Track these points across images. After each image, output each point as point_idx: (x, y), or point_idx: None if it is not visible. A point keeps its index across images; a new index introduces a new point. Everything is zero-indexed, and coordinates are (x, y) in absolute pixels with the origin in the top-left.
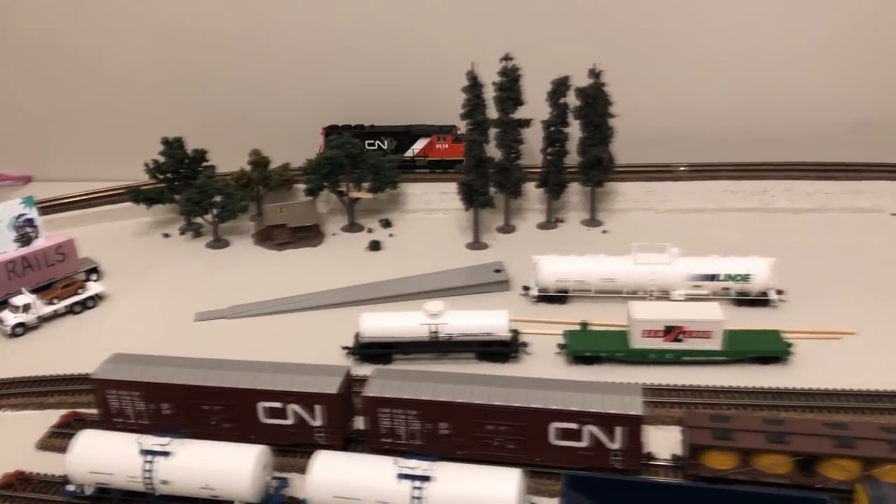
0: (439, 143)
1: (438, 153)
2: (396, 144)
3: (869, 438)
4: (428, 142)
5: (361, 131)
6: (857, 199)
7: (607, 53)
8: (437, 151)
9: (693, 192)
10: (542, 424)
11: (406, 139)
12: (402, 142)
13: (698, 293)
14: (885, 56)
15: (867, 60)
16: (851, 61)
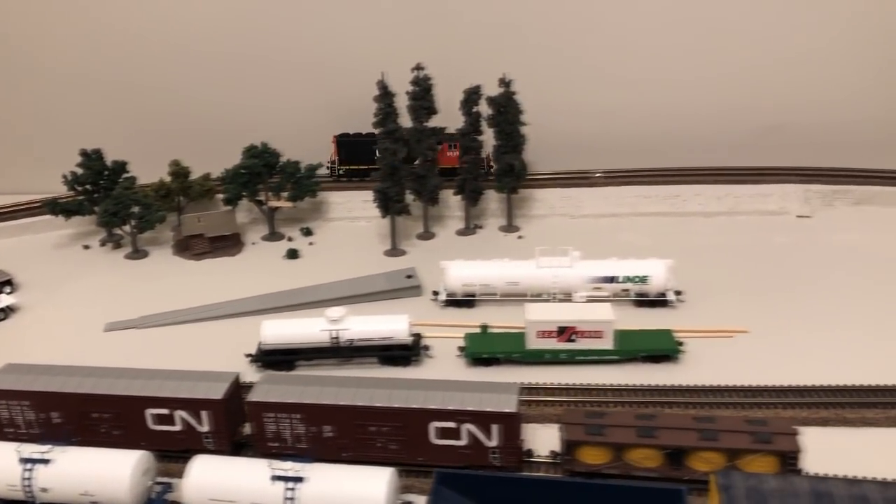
0: (450, 151)
1: (449, 161)
2: (407, 152)
3: (732, 431)
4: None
5: (371, 139)
6: (764, 201)
7: (523, 63)
8: (447, 159)
9: (608, 197)
10: (423, 424)
11: None
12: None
13: (599, 295)
14: (788, 63)
15: (770, 68)
16: (756, 69)
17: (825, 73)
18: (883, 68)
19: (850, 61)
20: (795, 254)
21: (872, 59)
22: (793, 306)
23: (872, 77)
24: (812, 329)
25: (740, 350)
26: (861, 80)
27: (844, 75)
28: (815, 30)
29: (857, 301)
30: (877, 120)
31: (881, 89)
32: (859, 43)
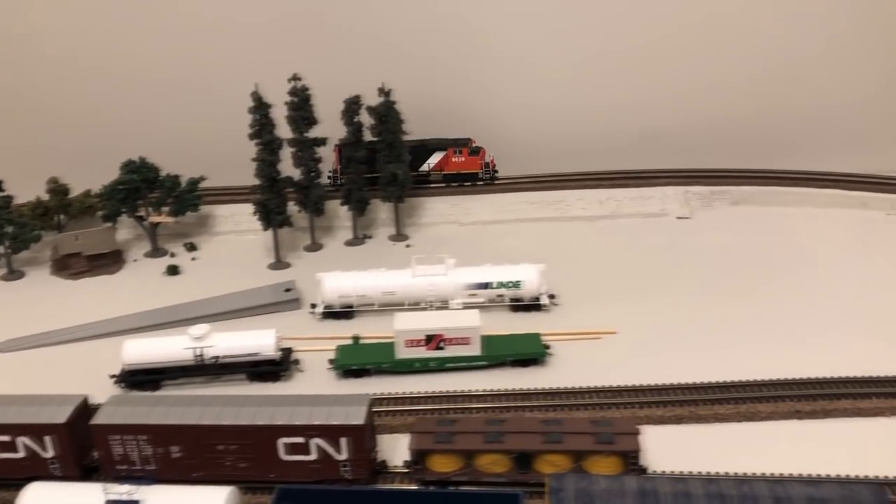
0: (455, 157)
1: (455, 166)
2: (412, 159)
3: (577, 433)
4: (444, 155)
5: (374, 147)
6: (645, 204)
7: (406, 71)
8: (453, 165)
9: (494, 204)
10: (271, 441)
11: (422, 153)
12: (417, 156)
13: (474, 302)
14: (666, 68)
15: (650, 73)
16: (637, 74)
17: (702, 77)
18: (756, 73)
19: (726, 66)
20: (672, 254)
21: (746, 63)
22: (663, 306)
23: (746, 81)
24: (678, 328)
25: (606, 351)
26: (736, 84)
27: (720, 79)
28: (691, 34)
29: (725, 300)
30: (752, 122)
31: (755, 93)
32: (733, 47)
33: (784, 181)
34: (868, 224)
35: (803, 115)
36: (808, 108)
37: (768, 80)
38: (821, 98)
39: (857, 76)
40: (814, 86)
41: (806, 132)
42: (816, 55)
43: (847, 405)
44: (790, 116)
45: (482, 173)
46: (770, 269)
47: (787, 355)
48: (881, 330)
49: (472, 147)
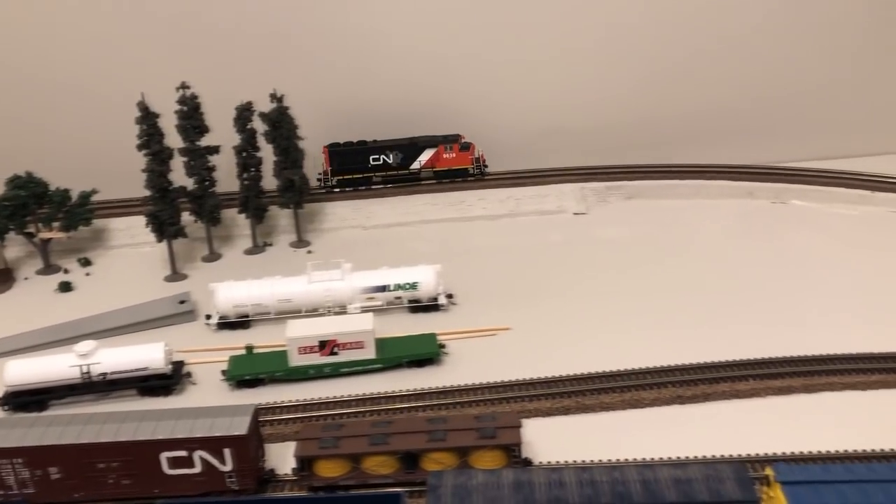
0: (446, 153)
1: (446, 163)
2: (402, 157)
3: (461, 430)
4: (434, 152)
5: (364, 147)
6: (543, 202)
7: (303, 75)
8: (444, 161)
9: (396, 207)
10: (153, 456)
11: (412, 151)
12: (407, 154)
13: (372, 305)
14: (562, 68)
15: (544, 74)
16: (530, 75)
17: (596, 77)
18: (648, 73)
19: (619, 66)
20: (569, 250)
21: (638, 63)
22: (557, 301)
23: (639, 81)
24: (570, 322)
25: (501, 347)
26: (629, 83)
27: (614, 79)
28: (585, 35)
29: (616, 292)
30: (645, 119)
31: (647, 91)
32: (625, 48)
33: (675, 175)
34: (755, 212)
35: (693, 112)
36: (698, 106)
37: (660, 79)
38: (709, 95)
39: (743, 75)
40: (703, 84)
41: (696, 128)
42: (704, 55)
43: (726, 388)
44: (680, 113)
45: (472, 169)
46: (661, 259)
47: (670, 343)
48: (761, 314)
49: (462, 143)
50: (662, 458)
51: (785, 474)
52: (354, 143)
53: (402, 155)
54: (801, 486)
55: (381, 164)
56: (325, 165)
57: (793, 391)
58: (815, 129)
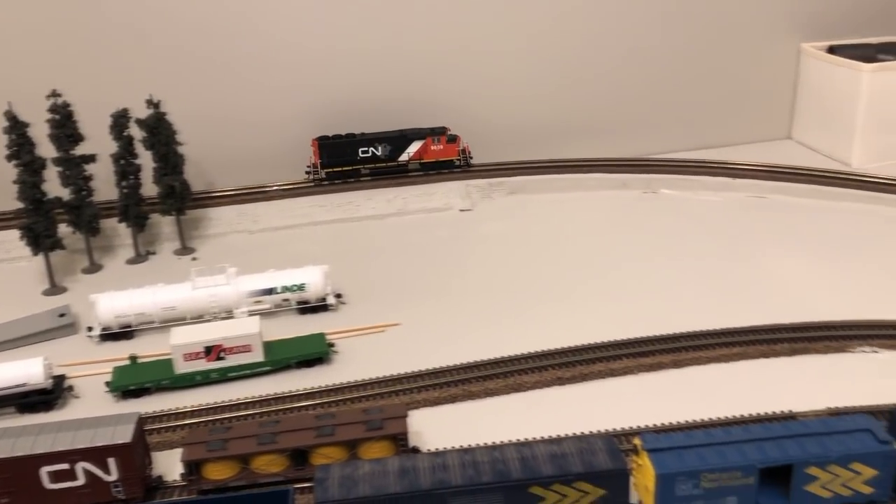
0: (434, 145)
1: (434, 154)
2: (391, 149)
3: (349, 423)
4: (423, 144)
5: (353, 139)
6: (430, 200)
7: (179, 80)
8: (432, 153)
9: (284, 209)
10: (32, 471)
11: (401, 143)
12: (396, 146)
13: (260, 308)
14: (446, 69)
15: (429, 74)
16: (415, 75)
17: (476, 77)
18: (524, 76)
19: (499, 66)
20: (455, 245)
21: (520, 64)
22: (444, 294)
23: (520, 82)
24: (456, 313)
25: (390, 342)
26: (508, 83)
27: (493, 79)
28: (470, 36)
29: (500, 282)
30: (523, 119)
31: (524, 93)
32: (508, 49)
33: (554, 169)
34: (628, 202)
35: (569, 110)
36: (573, 104)
37: (537, 80)
38: (583, 94)
39: (613, 74)
40: (576, 83)
41: (572, 125)
42: (577, 58)
43: (602, 367)
44: (557, 112)
45: (458, 160)
46: (543, 250)
47: (551, 328)
48: (634, 296)
49: (449, 135)
50: (543, 436)
51: (651, 442)
52: (343, 136)
53: (390, 147)
54: (666, 452)
55: (369, 156)
56: (315, 158)
57: (662, 367)
58: (680, 121)
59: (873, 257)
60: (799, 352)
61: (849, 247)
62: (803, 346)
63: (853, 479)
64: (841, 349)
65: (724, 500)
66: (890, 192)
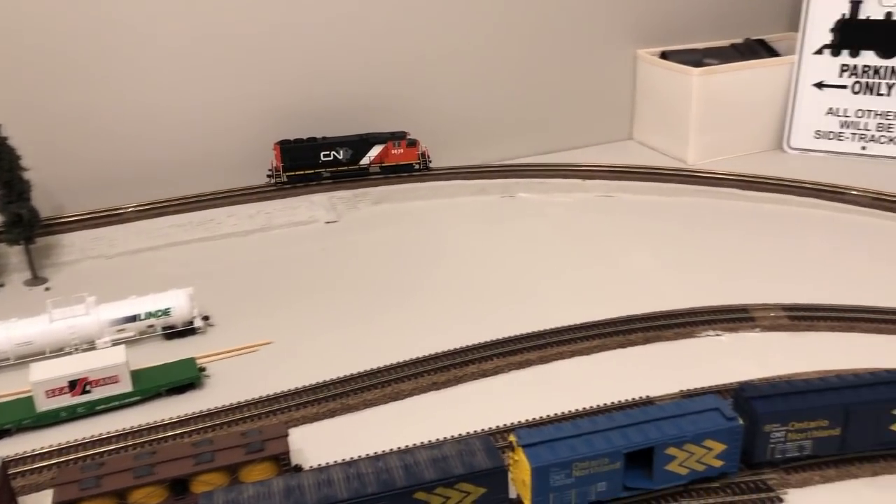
0: (395, 149)
1: (394, 158)
2: (352, 153)
3: (228, 448)
4: (383, 148)
5: (314, 143)
6: (294, 213)
7: (17, 101)
8: (392, 157)
9: (141, 232)
10: None
11: (361, 147)
12: (357, 150)
13: (124, 337)
14: (287, 79)
15: (284, 87)
16: (272, 89)
17: (327, 91)
18: (383, 89)
19: (352, 78)
20: (324, 258)
21: (372, 77)
22: (316, 308)
23: (371, 95)
24: (330, 327)
25: (263, 362)
26: (360, 96)
27: (347, 93)
28: (322, 45)
29: (371, 293)
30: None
31: (379, 102)
32: (354, 64)
33: (416, 178)
34: (487, 207)
35: (428, 119)
36: (431, 112)
37: (396, 92)
38: (439, 102)
39: (467, 82)
40: (437, 92)
41: (432, 134)
42: (433, 68)
43: (474, 369)
44: (419, 120)
45: (417, 164)
46: (411, 258)
47: (424, 334)
48: (500, 298)
49: (409, 139)
50: (424, 441)
51: (525, 438)
52: (305, 140)
53: (351, 151)
54: (539, 445)
55: (331, 159)
56: (277, 162)
57: (530, 364)
58: (532, 128)
59: (711, 247)
60: (651, 340)
61: (689, 238)
62: (655, 335)
63: (706, 455)
64: (688, 335)
65: (594, 486)
66: (722, 186)
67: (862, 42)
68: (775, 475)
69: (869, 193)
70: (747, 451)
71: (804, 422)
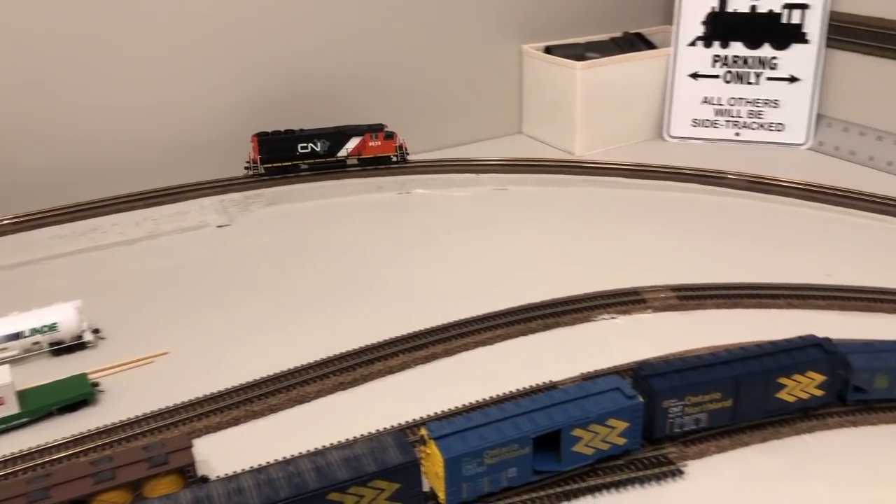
0: (372, 142)
1: (372, 150)
2: (329, 145)
3: (130, 464)
4: (361, 140)
5: (292, 135)
6: (183, 219)
7: None
8: (370, 149)
9: (18, 244)
10: None
11: (339, 139)
12: (334, 142)
13: (8, 356)
14: (181, 84)
15: (165, 91)
16: (149, 90)
17: (217, 92)
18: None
19: (236, 83)
20: (217, 263)
21: (241, 82)
22: (213, 315)
23: (252, 98)
24: (229, 333)
25: (161, 373)
26: (234, 99)
27: (232, 95)
28: (200, 49)
29: (270, 295)
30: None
31: (284, 100)
32: (234, 64)
33: (312, 177)
34: (385, 204)
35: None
36: (315, 109)
37: (268, 90)
38: (326, 95)
39: (360, 75)
40: (319, 84)
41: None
42: (315, 64)
43: (381, 367)
44: (294, 119)
45: (395, 156)
46: (308, 258)
47: (327, 334)
48: (402, 293)
49: (386, 132)
50: (333, 443)
51: (436, 430)
52: (282, 132)
53: (329, 143)
54: (450, 437)
55: (308, 151)
56: (255, 154)
57: (436, 357)
58: (427, 124)
59: (602, 234)
60: (551, 326)
61: (581, 227)
62: (554, 321)
63: (610, 434)
64: (586, 319)
65: (505, 473)
66: (609, 175)
67: (731, 34)
68: (675, 448)
69: (745, 177)
70: (648, 427)
71: (699, 395)
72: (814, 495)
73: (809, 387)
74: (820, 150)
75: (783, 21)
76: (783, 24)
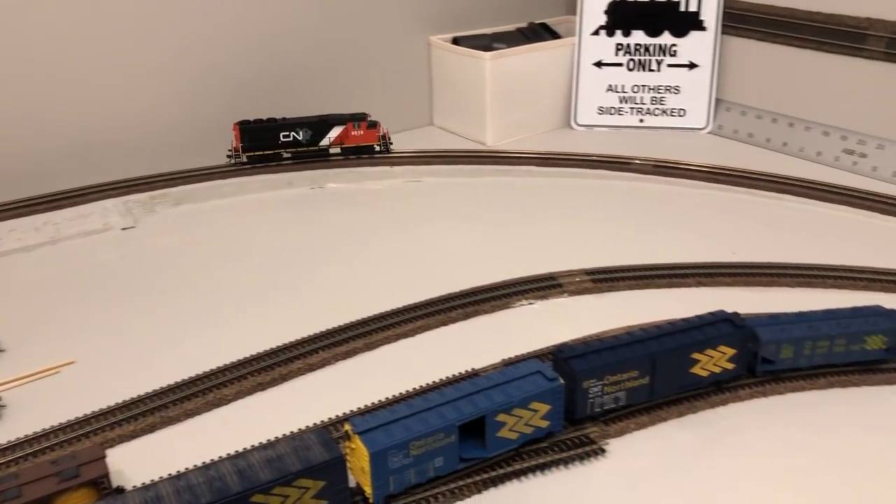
0: (355, 131)
1: (354, 139)
2: (312, 134)
3: (38, 479)
4: (343, 129)
5: (274, 124)
6: (86, 222)
7: None
8: (352, 138)
9: None
10: None
11: (321, 128)
12: (316, 131)
13: None
14: (94, 82)
15: (78, 87)
16: (65, 89)
17: (131, 87)
18: (194, 77)
19: (159, 73)
20: (124, 267)
21: (161, 79)
22: (122, 321)
23: (181, 86)
24: (139, 338)
25: (67, 384)
26: (168, 89)
27: (150, 87)
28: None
29: (181, 299)
30: (175, 127)
31: (190, 97)
32: (152, 64)
33: (217, 175)
34: (296, 200)
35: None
36: (208, 111)
37: (184, 86)
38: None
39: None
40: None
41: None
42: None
43: (300, 365)
44: (200, 118)
45: (378, 145)
46: (219, 259)
47: (242, 335)
48: (318, 289)
49: (369, 121)
50: (255, 444)
51: (360, 425)
52: (265, 121)
53: (311, 132)
54: (374, 430)
55: (291, 140)
56: (236, 142)
57: (357, 352)
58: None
59: (517, 222)
60: (471, 315)
61: (496, 216)
62: (474, 310)
63: (533, 417)
64: (504, 306)
65: (431, 463)
66: (520, 164)
67: (632, 22)
68: (596, 428)
69: (650, 161)
70: (569, 408)
71: (617, 374)
72: (730, 465)
73: (721, 360)
74: (720, 134)
75: (681, 9)
76: (681, 12)
